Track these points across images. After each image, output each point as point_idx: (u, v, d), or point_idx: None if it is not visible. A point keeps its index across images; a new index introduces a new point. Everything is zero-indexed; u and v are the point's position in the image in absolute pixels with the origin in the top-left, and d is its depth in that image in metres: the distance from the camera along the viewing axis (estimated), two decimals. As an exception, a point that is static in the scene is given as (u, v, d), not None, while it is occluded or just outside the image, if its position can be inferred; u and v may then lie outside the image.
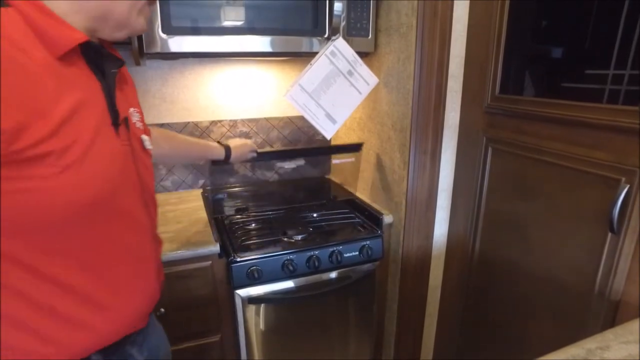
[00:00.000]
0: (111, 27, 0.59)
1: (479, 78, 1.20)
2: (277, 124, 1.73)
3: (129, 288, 0.67)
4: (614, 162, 0.85)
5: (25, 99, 0.48)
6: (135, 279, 0.68)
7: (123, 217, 0.64)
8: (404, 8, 1.21)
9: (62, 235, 0.55)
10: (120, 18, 0.58)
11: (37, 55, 0.50)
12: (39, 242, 0.53)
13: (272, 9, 1.22)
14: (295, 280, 1.26)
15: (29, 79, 0.49)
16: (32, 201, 0.51)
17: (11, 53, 0.47)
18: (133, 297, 0.68)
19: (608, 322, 0.90)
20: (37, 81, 0.50)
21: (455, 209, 1.38)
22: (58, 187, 0.52)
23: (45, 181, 0.50)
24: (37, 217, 0.52)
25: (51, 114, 0.50)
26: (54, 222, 0.54)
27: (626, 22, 0.82)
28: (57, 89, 0.52)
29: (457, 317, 1.42)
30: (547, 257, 1.04)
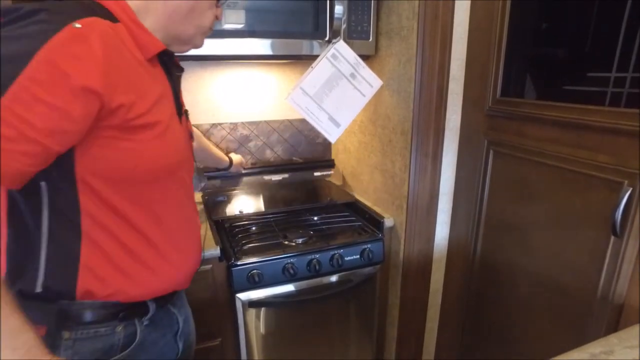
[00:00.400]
0: (179, 44, 0.77)
1: (480, 81, 1.20)
2: (277, 126, 1.72)
3: (185, 246, 0.79)
4: (616, 165, 0.85)
5: (137, 84, 0.65)
6: (190, 240, 0.81)
7: (183, 185, 0.79)
8: (404, 11, 1.21)
9: (145, 191, 0.69)
10: (187, 38, 0.76)
11: (137, 55, 0.67)
12: (129, 194, 0.67)
13: (272, 12, 1.22)
14: (296, 283, 1.25)
15: (137, 70, 0.67)
16: (131, 159, 0.66)
17: (128, 54, 0.65)
18: (187, 254, 0.79)
19: (611, 326, 0.89)
20: (141, 72, 0.67)
21: (456, 212, 1.37)
22: (149, 150, 0.67)
23: (142, 144, 0.66)
24: (132, 172, 0.66)
25: (148, 97, 0.67)
26: (141, 179, 0.68)
27: (628, 24, 0.82)
28: (149, 79, 0.69)
29: (459, 321, 1.41)
30: (549, 260, 1.04)
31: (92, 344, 0.67)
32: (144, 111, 0.65)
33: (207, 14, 0.76)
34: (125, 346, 0.71)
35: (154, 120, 0.67)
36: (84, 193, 0.63)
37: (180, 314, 0.85)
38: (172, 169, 0.74)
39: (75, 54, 0.55)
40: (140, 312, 0.73)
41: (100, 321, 0.68)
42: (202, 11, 0.75)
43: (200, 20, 0.75)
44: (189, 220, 0.81)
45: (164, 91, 0.74)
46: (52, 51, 0.54)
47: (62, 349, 0.65)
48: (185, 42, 0.77)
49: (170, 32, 0.73)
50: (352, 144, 1.65)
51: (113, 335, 0.69)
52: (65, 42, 0.55)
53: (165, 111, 0.72)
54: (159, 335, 0.77)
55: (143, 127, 0.66)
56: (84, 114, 0.57)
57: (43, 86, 0.53)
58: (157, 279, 0.73)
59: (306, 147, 1.77)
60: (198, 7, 0.73)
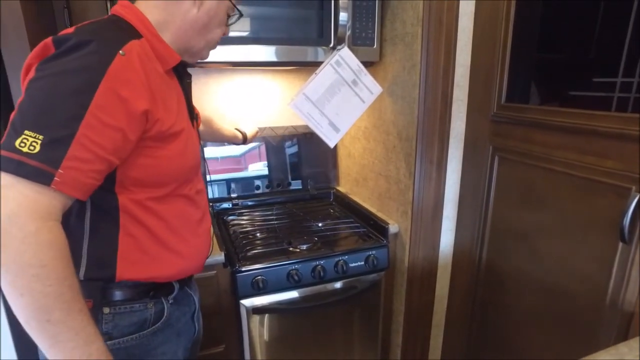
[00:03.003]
0: (188, 56, 0.83)
1: (485, 87, 1.19)
2: (282, 133, 1.73)
3: (201, 233, 0.87)
4: (624, 170, 0.84)
5: (164, 96, 0.72)
6: (204, 227, 0.89)
7: (199, 179, 0.88)
8: (409, 17, 1.21)
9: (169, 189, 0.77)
10: (197, 51, 0.83)
11: (158, 68, 0.73)
12: (157, 192, 0.76)
13: (277, 19, 1.23)
14: (300, 290, 1.24)
15: (162, 83, 0.73)
16: (163, 166, 0.74)
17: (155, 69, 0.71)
18: (203, 240, 0.88)
19: (621, 334, 0.87)
20: (164, 85, 0.74)
21: (461, 218, 1.36)
22: (177, 157, 0.76)
23: (172, 152, 0.74)
24: (162, 177, 0.75)
25: (172, 108, 0.75)
26: (168, 180, 0.77)
27: (634, 29, 0.82)
28: (169, 90, 0.76)
29: (464, 328, 1.40)
30: (556, 267, 1.02)
31: (129, 318, 0.76)
32: (173, 122, 0.73)
33: (217, 30, 0.84)
34: (156, 320, 0.80)
35: (180, 129, 0.75)
36: (122, 194, 0.72)
37: (196, 295, 0.94)
38: (193, 170, 0.84)
39: (128, 79, 0.64)
40: (167, 291, 0.82)
41: (135, 299, 0.77)
42: (214, 27, 0.82)
43: (211, 36, 0.83)
44: (203, 211, 0.89)
45: (180, 99, 0.81)
46: (111, 81, 0.61)
47: (103, 322, 0.74)
48: (194, 55, 0.84)
49: (183, 45, 0.80)
50: (357, 150, 1.65)
51: (145, 310, 0.78)
52: (119, 71, 0.63)
53: (184, 118, 0.80)
54: (181, 313, 0.87)
55: (173, 136, 0.74)
56: (138, 130, 0.66)
57: (108, 112, 0.61)
58: (182, 262, 0.82)
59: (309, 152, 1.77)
60: (211, 24, 0.80)
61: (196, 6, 0.77)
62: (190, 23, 0.78)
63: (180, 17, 0.77)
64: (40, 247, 0.56)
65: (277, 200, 1.70)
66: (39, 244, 0.56)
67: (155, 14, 0.75)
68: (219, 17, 0.82)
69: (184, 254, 0.83)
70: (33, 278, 0.55)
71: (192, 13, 0.77)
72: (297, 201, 1.71)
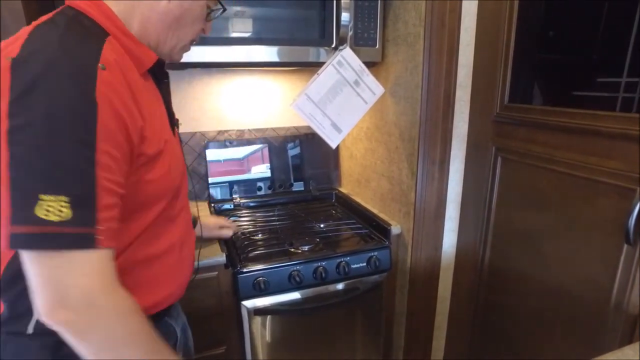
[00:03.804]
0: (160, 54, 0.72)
1: (488, 87, 1.19)
2: (284, 133, 1.72)
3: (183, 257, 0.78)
4: (628, 171, 0.83)
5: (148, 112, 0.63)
6: (187, 249, 0.80)
7: (185, 195, 0.80)
8: (411, 18, 1.21)
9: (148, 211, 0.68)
10: (167, 51, 0.72)
11: (134, 73, 0.64)
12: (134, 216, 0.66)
13: (279, 20, 1.23)
14: (302, 291, 1.24)
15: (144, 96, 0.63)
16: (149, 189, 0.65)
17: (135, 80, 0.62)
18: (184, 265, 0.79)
19: (626, 337, 0.86)
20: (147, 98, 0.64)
21: (464, 219, 1.35)
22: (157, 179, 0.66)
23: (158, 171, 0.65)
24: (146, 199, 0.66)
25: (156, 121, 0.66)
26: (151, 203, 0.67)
27: (639, 28, 0.81)
28: (150, 99, 0.66)
29: (467, 330, 1.39)
30: (560, 269, 1.02)
31: None
32: (157, 137, 0.65)
33: (194, 26, 0.72)
34: None
35: (162, 145, 0.66)
36: None
37: (177, 324, 0.83)
38: (176, 187, 0.73)
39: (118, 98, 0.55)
40: None
41: None
42: (188, 23, 0.71)
43: (184, 33, 0.71)
44: (188, 226, 0.81)
45: (160, 104, 0.72)
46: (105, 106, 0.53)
47: None
48: (162, 55, 0.72)
49: (150, 40, 0.69)
50: (359, 150, 1.65)
51: None
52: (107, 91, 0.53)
53: (166, 129, 0.71)
54: None
55: (157, 155, 0.64)
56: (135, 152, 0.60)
57: (114, 142, 0.54)
58: (155, 296, 0.71)
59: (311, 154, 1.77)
60: (184, 18, 0.69)
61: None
62: (160, 15, 0.66)
63: (147, 7, 0.65)
64: (126, 317, 0.56)
65: (279, 201, 1.69)
66: (124, 315, 0.56)
67: (118, 3, 0.64)
68: (195, 12, 0.70)
69: (159, 287, 0.72)
70: (126, 349, 0.55)
71: (161, 3, 0.66)
72: (299, 202, 1.71)
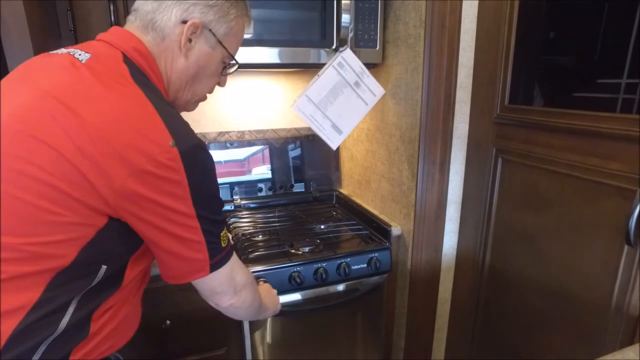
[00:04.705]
0: (175, 107, 0.76)
1: (488, 88, 1.19)
2: (284, 135, 1.73)
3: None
4: (629, 172, 0.83)
5: None
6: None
7: None
8: (411, 19, 1.21)
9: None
10: (182, 103, 0.76)
11: None
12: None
13: (280, 21, 1.23)
14: (302, 292, 1.24)
15: None
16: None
17: None
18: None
19: (627, 338, 0.86)
20: None
21: (464, 220, 1.35)
22: None
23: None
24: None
25: None
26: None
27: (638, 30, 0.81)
28: None
29: (468, 331, 1.38)
30: (560, 270, 1.01)
31: None
32: None
33: (209, 81, 0.76)
34: None
35: None
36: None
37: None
38: None
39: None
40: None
41: None
42: (204, 79, 0.74)
43: (199, 88, 0.75)
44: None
45: None
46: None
47: None
48: (177, 107, 0.76)
49: (170, 97, 0.73)
50: (359, 152, 1.65)
51: None
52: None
53: None
54: None
55: None
56: None
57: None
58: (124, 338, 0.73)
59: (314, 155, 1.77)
60: (201, 74, 0.72)
61: (183, 54, 0.69)
62: (178, 73, 0.70)
63: (168, 66, 0.69)
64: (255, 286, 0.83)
65: (279, 203, 1.69)
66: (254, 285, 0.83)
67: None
68: (212, 67, 0.73)
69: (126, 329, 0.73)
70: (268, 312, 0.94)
71: (179, 62, 0.69)
72: (299, 203, 1.71)
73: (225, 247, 0.70)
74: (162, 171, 0.57)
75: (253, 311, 0.84)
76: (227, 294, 0.74)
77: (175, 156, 0.57)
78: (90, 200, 0.56)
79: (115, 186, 0.55)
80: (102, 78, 0.59)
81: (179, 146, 0.58)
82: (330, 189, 1.80)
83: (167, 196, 0.58)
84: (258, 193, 1.68)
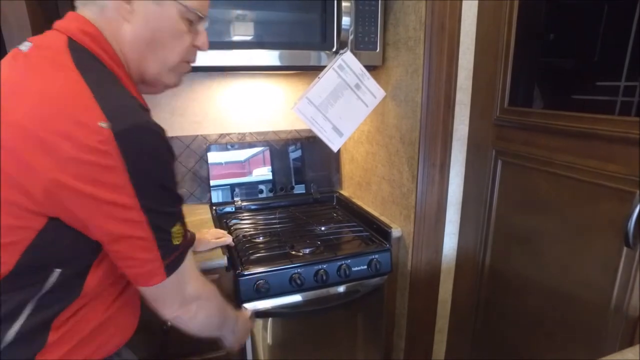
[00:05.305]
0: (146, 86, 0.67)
1: (488, 90, 1.19)
2: (285, 136, 1.73)
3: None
4: (628, 174, 0.83)
5: None
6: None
7: None
8: (411, 22, 1.22)
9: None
10: (151, 77, 0.66)
11: None
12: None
13: (280, 24, 1.23)
14: (303, 294, 1.24)
15: None
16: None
17: None
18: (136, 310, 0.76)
19: (626, 339, 0.87)
20: None
21: (464, 222, 1.36)
22: None
23: None
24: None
25: None
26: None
27: (637, 32, 0.82)
28: None
29: (468, 332, 1.39)
30: (560, 271, 1.02)
31: None
32: None
33: (175, 44, 0.64)
34: None
35: None
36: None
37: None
38: None
39: None
40: None
41: None
42: (166, 42, 0.63)
43: (164, 54, 0.64)
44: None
45: None
46: None
47: None
48: (151, 84, 0.67)
49: (134, 73, 0.64)
50: (360, 154, 1.65)
51: None
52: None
53: None
54: None
55: None
56: None
57: None
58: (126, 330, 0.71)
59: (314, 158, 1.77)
60: (158, 38, 0.63)
61: (126, 20, 0.60)
62: (130, 44, 0.61)
63: (115, 37, 0.60)
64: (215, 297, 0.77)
65: (280, 204, 1.70)
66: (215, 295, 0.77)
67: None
68: (169, 27, 0.62)
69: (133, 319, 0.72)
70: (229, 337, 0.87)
71: (126, 29, 0.60)
72: (300, 205, 1.71)
73: (178, 246, 0.61)
74: (92, 156, 0.50)
75: (209, 328, 0.76)
76: (171, 305, 0.64)
77: (107, 138, 0.50)
78: (20, 199, 0.51)
79: (42, 180, 0.50)
80: (36, 68, 0.54)
81: (113, 127, 0.50)
82: (330, 190, 1.80)
83: (101, 187, 0.51)
84: (259, 194, 1.68)
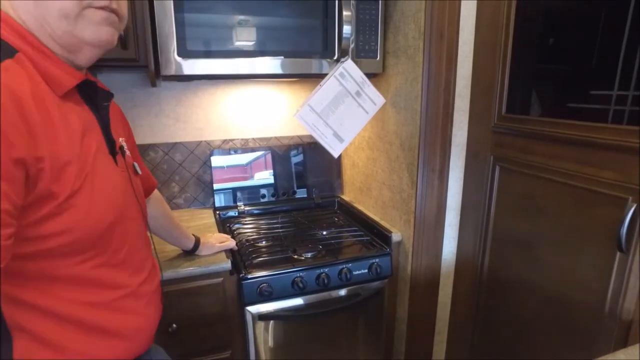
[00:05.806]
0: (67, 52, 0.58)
1: (486, 98, 1.22)
2: (287, 142, 1.76)
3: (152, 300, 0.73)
4: (621, 181, 0.86)
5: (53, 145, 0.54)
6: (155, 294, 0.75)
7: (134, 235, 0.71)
8: (411, 31, 1.24)
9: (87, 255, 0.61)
10: (60, 34, 0.55)
11: (50, 99, 0.55)
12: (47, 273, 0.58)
13: (282, 31, 1.26)
14: (305, 297, 1.26)
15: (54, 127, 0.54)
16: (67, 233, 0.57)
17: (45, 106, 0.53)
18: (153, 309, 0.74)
19: (620, 342, 0.89)
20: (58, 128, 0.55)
21: (463, 227, 1.38)
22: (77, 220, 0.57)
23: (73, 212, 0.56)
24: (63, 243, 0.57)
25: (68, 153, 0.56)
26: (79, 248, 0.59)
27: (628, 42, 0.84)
28: (66, 127, 0.57)
29: (467, 335, 1.41)
30: (556, 275, 1.04)
31: None
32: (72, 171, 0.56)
33: None
34: None
35: (84, 176, 0.57)
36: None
37: None
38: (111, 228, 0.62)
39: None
40: None
41: None
42: None
43: (53, 3, 0.53)
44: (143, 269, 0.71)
45: (89, 132, 0.61)
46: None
47: None
48: (72, 48, 0.57)
49: (44, 37, 0.55)
50: (361, 159, 1.68)
51: None
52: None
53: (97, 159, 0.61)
54: None
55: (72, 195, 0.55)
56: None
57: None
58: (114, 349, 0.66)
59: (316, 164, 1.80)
60: None
61: None
62: (20, 8, 0.53)
63: (14, 9, 0.53)
64: None
65: (282, 209, 1.72)
66: None
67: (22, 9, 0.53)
68: None
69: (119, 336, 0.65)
70: None
71: None
72: (302, 209, 1.74)
73: None
74: None
75: None
76: None
77: None
78: None
79: None
80: None
81: None
82: (332, 195, 1.83)
83: None
84: (261, 199, 1.71)
